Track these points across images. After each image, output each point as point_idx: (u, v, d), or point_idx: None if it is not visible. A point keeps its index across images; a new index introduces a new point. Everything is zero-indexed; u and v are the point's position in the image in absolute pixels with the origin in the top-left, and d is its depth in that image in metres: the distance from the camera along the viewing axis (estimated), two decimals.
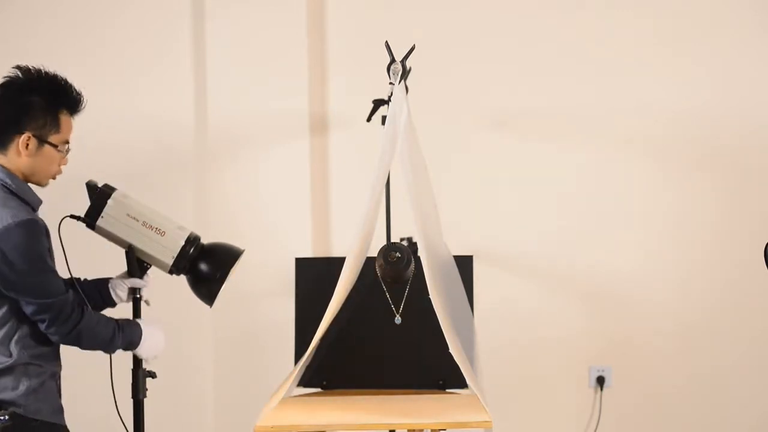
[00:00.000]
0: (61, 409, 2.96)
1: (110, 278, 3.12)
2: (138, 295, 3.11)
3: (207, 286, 3.16)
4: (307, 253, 4.41)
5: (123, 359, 3.12)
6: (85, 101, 2.96)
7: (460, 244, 4.02)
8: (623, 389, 4.47)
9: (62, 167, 2.96)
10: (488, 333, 4.10)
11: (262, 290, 4.48)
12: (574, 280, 4.48)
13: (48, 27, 4.51)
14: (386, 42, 3.58)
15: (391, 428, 3.37)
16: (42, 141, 2.86)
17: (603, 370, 4.48)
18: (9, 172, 2.86)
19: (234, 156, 4.51)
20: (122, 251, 3.13)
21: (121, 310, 3.14)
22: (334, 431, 3.15)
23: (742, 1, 4.42)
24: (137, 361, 3.12)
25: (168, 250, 3.08)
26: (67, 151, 2.95)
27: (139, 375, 3.12)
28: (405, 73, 3.55)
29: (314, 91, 4.50)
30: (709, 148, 4.44)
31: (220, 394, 4.49)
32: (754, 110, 4.42)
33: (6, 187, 2.84)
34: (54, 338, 2.88)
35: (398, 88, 3.46)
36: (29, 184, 2.92)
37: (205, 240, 3.21)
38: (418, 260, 3.42)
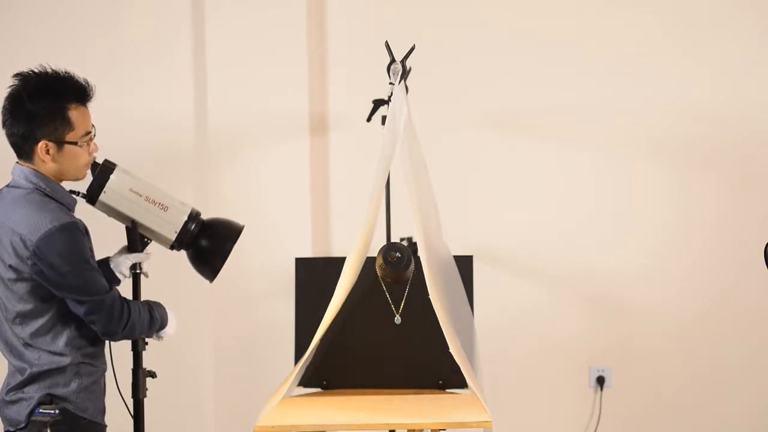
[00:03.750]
0: (104, 410, 3.00)
1: (107, 258, 3.12)
2: (138, 270, 3.12)
3: (209, 262, 3.16)
4: (307, 253, 4.41)
5: (123, 359, 3.12)
6: (92, 87, 2.94)
7: (460, 244, 4.02)
8: (623, 389, 4.47)
9: (94, 154, 2.96)
10: (488, 333, 4.10)
11: (262, 290, 4.48)
12: (575, 280, 4.48)
13: (48, 27, 4.51)
14: (386, 42, 3.58)
15: (391, 428, 3.38)
16: (60, 143, 2.87)
17: (603, 370, 4.48)
18: (42, 176, 2.87)
19: (234, 156, 4.51)
20: (113, 230, 3.15)
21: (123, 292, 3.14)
22: (334, 431, 3.15)
23: (742, 1, 4.42)
24: (137, 361, 3.12)
25: (170, 225, 3.09)
26: (92, 138, 2.94)
27: (139, 375, 3.12)
28: (405, 73, 3.55)
29: (314, 91, 4.50)
30: (710, 148, 4.44)
31: (220, 394, 4.49)
32: (755, 110, 4.41)
33: (41, 190, 2.86)
34: (110, 337, 2.93)
35: (398, 88, 3.46)
36: (67, 181, 2.94)
37: None
38: (418, 260, 3.42)
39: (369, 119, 3.91)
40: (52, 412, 2.82)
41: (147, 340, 3.12)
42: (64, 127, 2.86)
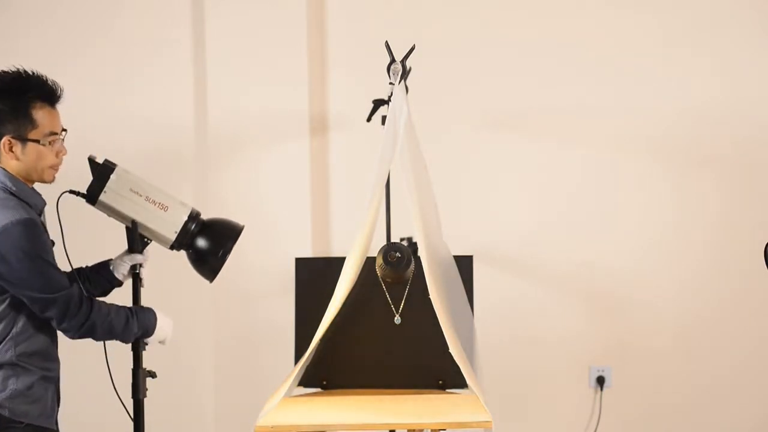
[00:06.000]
0: (52, 412, 2.95)
1: (109, 260, 3.13)
2: (137, 271, 3.12)
3: (209, 262, 3.15)
4: (307, 253, 4.41)
5: (123, 359, 3.12)
6: (60, 88, 2.92)
7: (460, 244, 4.02)
8: (623, 389, 4.47)
9: (63, 157, 2.94)
10: (488, 333, 4.10)
11: (262, 290, 4.48)
12: (574, 280, 4.48)
13: (48, 26, 4.52)
14: (386, 42, 3.58)
15: (391, 428, 3.37)
16: (23, 140, 2.86)
17: (603, 370, 4.48)
18: (11, 175, 2.88)
19: (234, 156, 4.51)
20: (110, 232, 3.15)
21: (122, 292, 3.16)
22: (334, 431, 3.15)
23: (742, 1, 4.42)
24: (137, 361, 3.12)
25: (171, 224, 3.09)
26: (58, 141, 2.91)
27: (139, 375, 3.11)
28: (405, 73, 3.55)
29: (314, 91, 4.50)
30: (710, 148, 4.44)
31: (220, 394, 4.49)
32: (755, 110, 4.42)
33: (7, 189, 2.86)
34: (68, 334, 2.90)
35: (398, 88, 3.46)
36: (35, 182, 2.93)
37: None
38: (418, 260, 3.42)
39: (369, 119, 3.91)
40: None
41: (146, 340, 3.11)
42: (27, 124, 2.86)
